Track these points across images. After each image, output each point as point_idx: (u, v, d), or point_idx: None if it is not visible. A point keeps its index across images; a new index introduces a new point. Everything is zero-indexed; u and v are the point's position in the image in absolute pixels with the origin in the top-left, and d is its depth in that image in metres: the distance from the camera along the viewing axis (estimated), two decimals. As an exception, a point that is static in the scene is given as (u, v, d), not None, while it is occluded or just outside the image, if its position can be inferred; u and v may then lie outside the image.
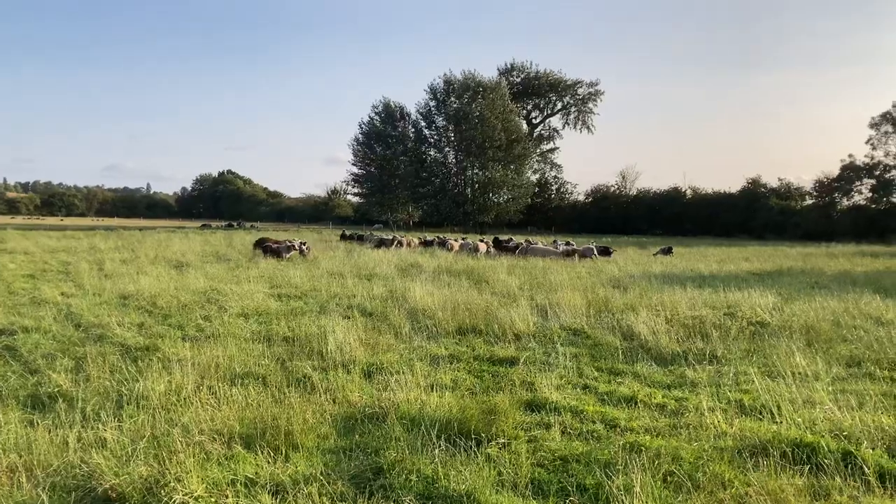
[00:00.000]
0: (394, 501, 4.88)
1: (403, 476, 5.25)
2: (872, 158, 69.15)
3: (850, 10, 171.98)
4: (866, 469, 5.29)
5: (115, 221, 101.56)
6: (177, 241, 34.77)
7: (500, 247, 32.29)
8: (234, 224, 77.16)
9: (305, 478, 5.19)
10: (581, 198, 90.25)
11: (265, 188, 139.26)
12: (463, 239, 36.69)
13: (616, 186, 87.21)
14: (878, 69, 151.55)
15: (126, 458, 5.41)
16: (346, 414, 6.87)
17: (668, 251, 33.24)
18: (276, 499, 4.89)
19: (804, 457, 5.60)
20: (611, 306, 13.47)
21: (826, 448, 5.63)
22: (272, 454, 5.63)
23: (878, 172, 68.51)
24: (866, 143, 69.96)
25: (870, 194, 68.86)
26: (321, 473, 5.26)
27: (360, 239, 39.91)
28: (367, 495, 4.96)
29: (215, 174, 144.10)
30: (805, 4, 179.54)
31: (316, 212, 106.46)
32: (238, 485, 5.06)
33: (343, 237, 42.36)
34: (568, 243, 34.17)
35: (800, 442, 5.83)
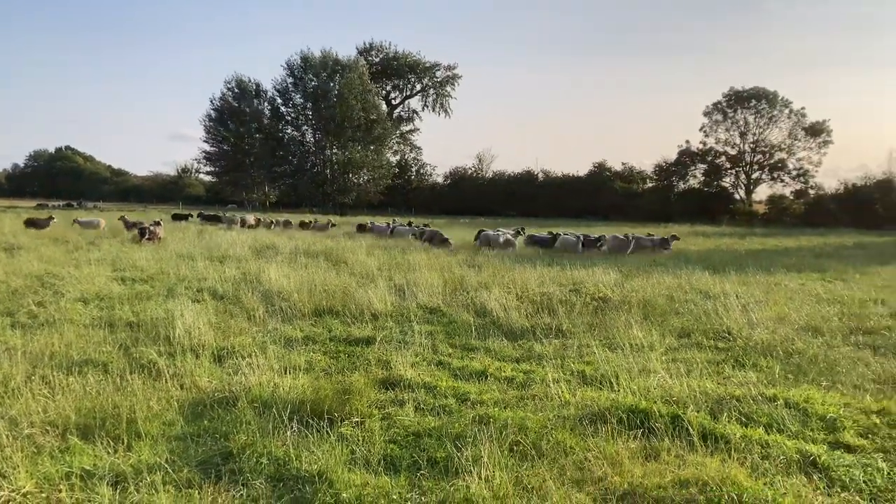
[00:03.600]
0: (243, 485, 4.79)
1: (254, 459, 5.17)
2: (705, 145, 74.70)
3: (689, 6, 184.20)
4: (691, 430, 5.75)
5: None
6: (7, 222, 31.95)
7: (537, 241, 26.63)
8: (75, 204, 71.82)
9: (149, 466, 4.99)
10: (440, 180, 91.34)
11: (108, 166, 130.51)
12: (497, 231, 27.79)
13: (473, 169, 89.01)
14: (714, 61, 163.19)
15: (-56, 456, 4.97)
16: (195, 399, 6.66)
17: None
18: (116, 490, 4.66)
19: (638, 422, 6.01)
20: (466, 285, 13.79)
21: (658, 413, 6.07)
22: (112, 444, 5.36)
23: (710, 158, 74.00)
24: (700, 130, 75.52)
25: (702, 178, 74.39)
26: (166, 461, 5.07)
27: (217, 220, 38.16)
28: (215, 480, 4.84)
29: (52, 150, 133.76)
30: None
31: (165, 191, 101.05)
32: (73, 478, 4.78)
33: (202, 218, 40.12)
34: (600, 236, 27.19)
35: (635, 408, 6.24)
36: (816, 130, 70.39)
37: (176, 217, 39.72)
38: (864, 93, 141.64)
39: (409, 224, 37.29)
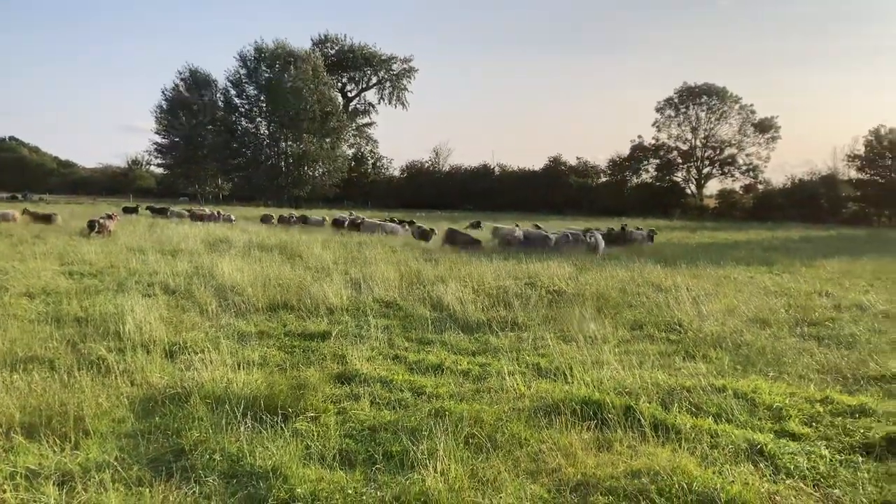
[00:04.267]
0: (195, 482, 4.72)
1: (207, 456, 5.10)
2: (657, 140, 76.12)
3: (643, 2, 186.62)
4: (643, 421, 5.85)
5: None
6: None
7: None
8: (20, 196, 69.55)
9: (97, 465, 4.88)
10: (396, 173, 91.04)
11: (55, 157, 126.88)
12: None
13: (430, 163, 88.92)
14: (667, 57, 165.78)
15: None
16: (146, 396, 6.54)
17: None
18: (62, 489, 4.55)
19: (592, 413, 6.09)
20: (422, 278, 13.79)
21: (611, 404, 6.16)
22: (59, 443, 5.23)
23: (662, 153, 75.38)
24: (653, 125, 76.90)
25: (655, 173, 75.69)
26: (115, 459, 4.96)
27: (163, 213, 37.35)
28: (165, 478, 4.76)
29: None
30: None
31: (114, 183, 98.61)
32: (18, 477, 4.64)
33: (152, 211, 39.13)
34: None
35: (588, 400, 6.33)
36: (765, 127, 72.19)
37: (126, 210, 38.83)
38: (809, 91, 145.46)
39: (393, 220, 34.42)
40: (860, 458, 5.35)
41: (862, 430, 5.90)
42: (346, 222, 31.00)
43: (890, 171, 58.63)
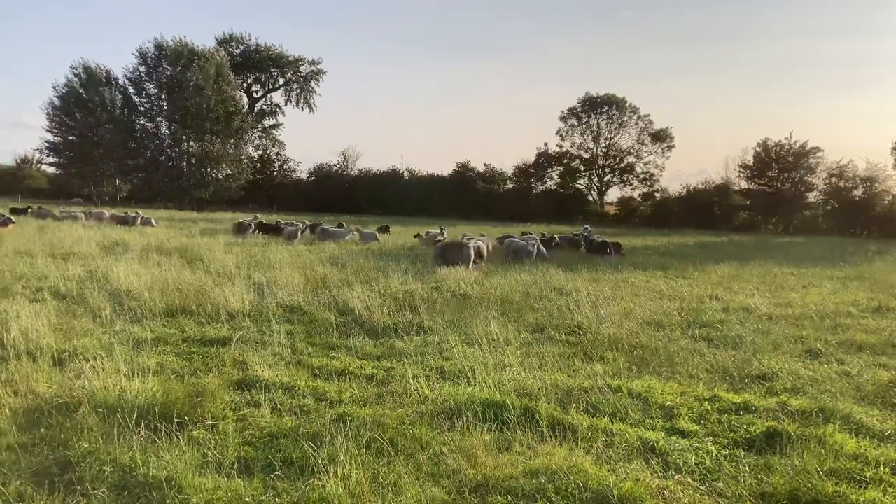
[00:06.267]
0: (83, 495, 4.52)
1: (96, 467, 4.89)
2: (561, 148, 78.02)
3: (548, 12, 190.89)
4: (541, 422, 6.02)
5: None
6: None
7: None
8: None
9: (-26, 481, 4.61)
10: (304, 176, 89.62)
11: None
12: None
13: (338, 166, 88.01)
14: (572, 67, 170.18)
15: None
16: (31, 406, 6.21)
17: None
18: (-66, 508, 4.28)
19: (493, 415, 6.21)
20: (328, 283, 13.66)
21: (511, 405, 6.30)
22: (-69, 459, 4.90)
23: (565, 161, 77.33)
24: (556, 134, 78.74)
25: (559, 180, 77.57)
26: (-6, 474, 4.70)
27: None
28: (49, 492, 4.53)
29: None
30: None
31: (2, 183, 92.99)
32: None
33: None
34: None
35: (490, 401, 6.45)
36: (661, 136, 75.22)
37: (14, 211, 36.58)
38: (702, 102, 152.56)
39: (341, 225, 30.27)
40: (742, 453, 5.68)
41: (745, 426, 6.26)
42: (303, 230, 26.83)
43: (776, 181, 62.15)
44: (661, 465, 5.37)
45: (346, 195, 78.72)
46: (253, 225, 29.55)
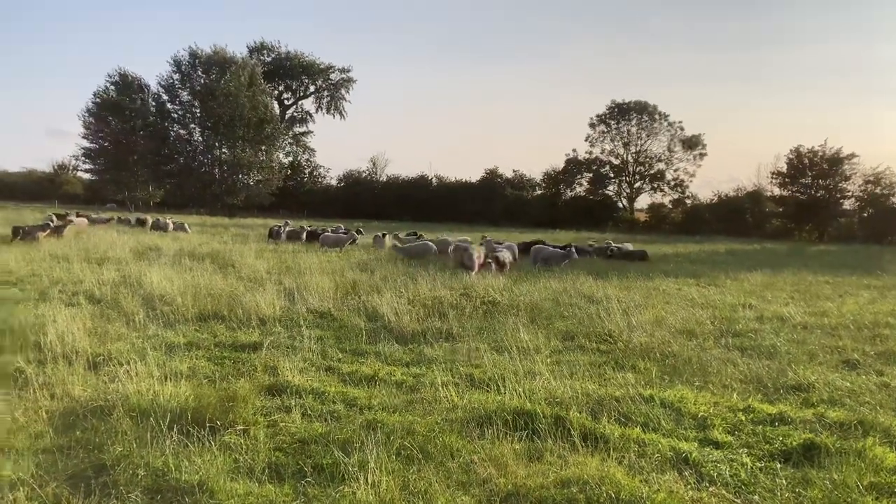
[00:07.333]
0: (117, 498, 4.57)
1: (130, 471, 4.94)
2: (591, 154, 77.63)
3: (578, 17, 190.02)
4: (573, 431, 5.95)
5: None
6: None
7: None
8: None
9: (12, 482, 4.68)
10: (333, 182, 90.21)
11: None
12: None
13: (367, 172, 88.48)
14: (602, 73, 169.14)
15: None
16: (67, 409, 6.30)
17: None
18: (-27, 509, 4.35)
19: (523, 423, 6.17)
20: (358, 289, 13.71)
21: (542, 414, 6.25)
22: (-29, 460, 4.99)
23: (595, 167, 76.93)
24: (586, 140, 78.41)
25: (588, 186, 77.17)
26: (32, 476, 4.77)
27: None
28: (85, 495, 4.59)
29: None
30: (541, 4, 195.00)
31: (40, 189, 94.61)
32: (-75, 498, 4.42)
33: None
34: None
35: (520, 410, 6.40)
36: (692, 143, 74.43)
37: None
38: (733, 107, 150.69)
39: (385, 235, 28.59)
40: (779, 465, 5.56)
41: (781, 438, 6.13)
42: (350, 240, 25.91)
43: (810, 188, 61.23)
44: (695, 477, 5.28)
45: (374, 201, 79.06)
46: (284, 233, 29.38)
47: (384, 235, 27.67)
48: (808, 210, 59.95)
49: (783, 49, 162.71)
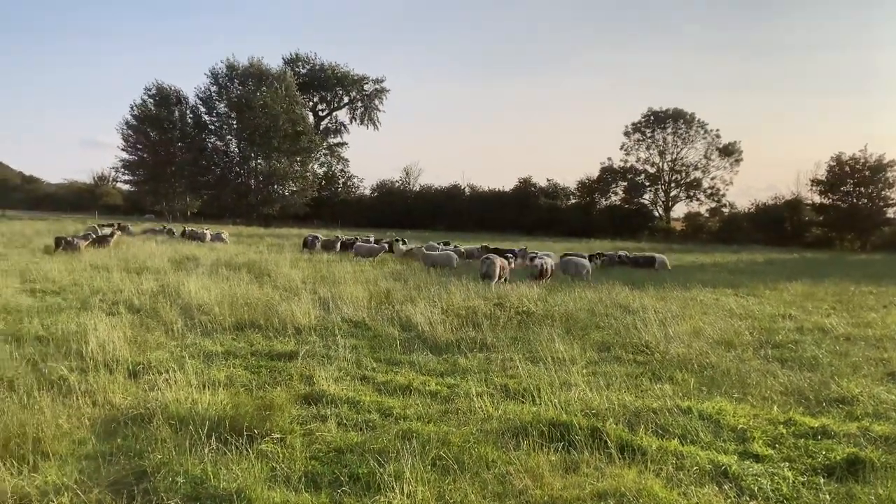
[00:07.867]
0: (157, 505, 4.64)
1: (170, 478, 5.01)
2: (626, 163, 76.99)
3: (612, 26, 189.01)
4: (610, 443, 5.89)
5: None
6: None
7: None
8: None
9: (56, 488, 4.77)
10: (367, 192, 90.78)
11: (20, 172, 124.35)
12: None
13: (400, 182, 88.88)
14: (636, 81, 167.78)
15: None
16: (108, 417, 6.42)
17: (447, 245, 34.56)
18: (19, 514, 4.44)
19: (559, 435, 6.12)
20: (391, 298, 13.76)
21: (578, 426, 6.19)
22: (17, 465, 5.10)
23: (630, 176, 76.30)
24: (621, 149, 77.84)
25: (623, 195, 76.59)
26: (75, 482, 4.86)
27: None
28: (127, 501, 4.67)
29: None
30: (583, 16, 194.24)
31: (80, 200, 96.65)
32: (-27, 502, 4.53)
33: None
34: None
35: (556, 421, 6.35)
36: (729, 151, 73.43)
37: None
38: (771, 115, 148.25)
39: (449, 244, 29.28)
40: (822, 480, 5.43)
41: (824, 452, 6.00)
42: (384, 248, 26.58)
43: (851, 196, 60.00)
44: (735, 491, 5.19)
45: (407, 211, 79.31)
46: (319, 242, 29.68)
47: (397, 241, 28.54)
48: (850, 218, 58.70)
49: (821, 55, 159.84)
